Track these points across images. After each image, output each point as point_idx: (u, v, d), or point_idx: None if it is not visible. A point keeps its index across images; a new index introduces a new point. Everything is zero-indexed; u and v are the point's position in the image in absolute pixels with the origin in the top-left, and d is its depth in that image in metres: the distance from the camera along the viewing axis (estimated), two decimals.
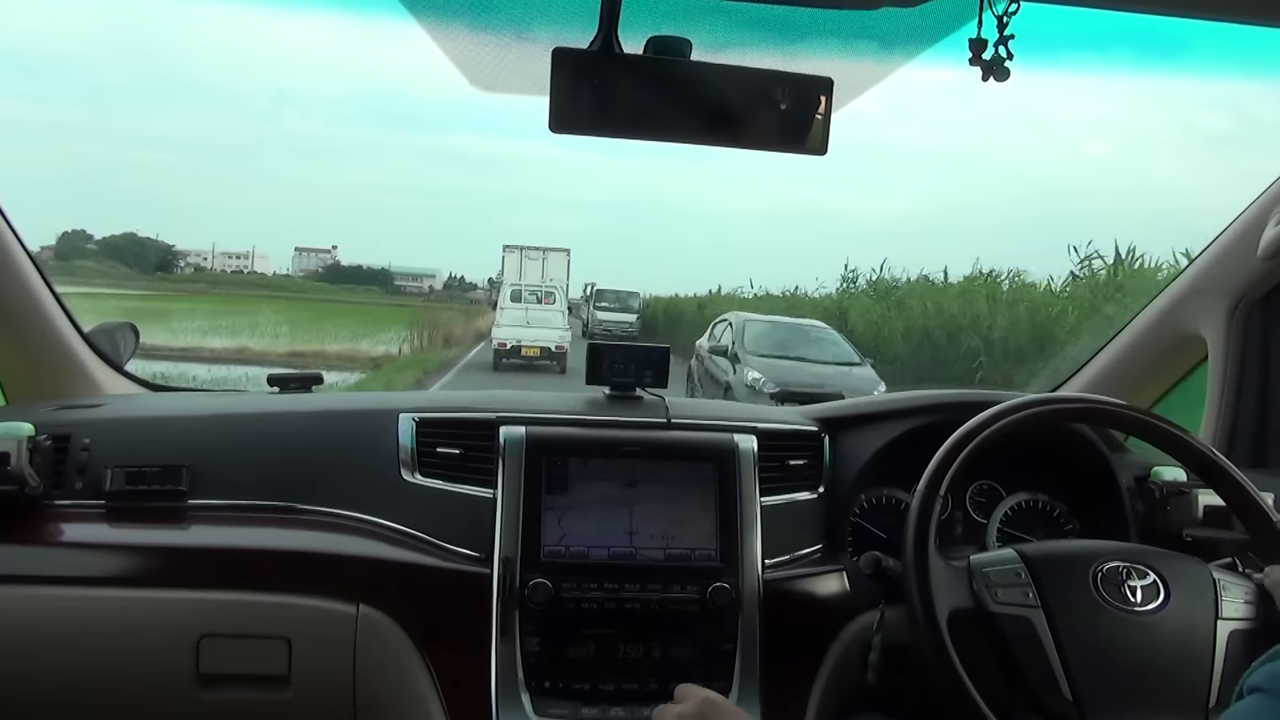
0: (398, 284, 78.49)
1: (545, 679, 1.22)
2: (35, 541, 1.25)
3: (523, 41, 1.18)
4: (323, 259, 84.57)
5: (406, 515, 1.32)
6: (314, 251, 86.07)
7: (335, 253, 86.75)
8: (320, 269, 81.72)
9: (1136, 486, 1.45)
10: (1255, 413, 1.61)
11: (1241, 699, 0.70)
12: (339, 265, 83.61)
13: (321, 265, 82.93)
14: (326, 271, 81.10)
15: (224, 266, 74.19)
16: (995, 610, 1.08)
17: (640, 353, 1.46)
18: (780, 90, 1.12)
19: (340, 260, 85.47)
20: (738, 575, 1.27)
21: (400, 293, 72.26)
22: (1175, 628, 1.05)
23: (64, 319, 1.58)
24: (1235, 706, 0.70)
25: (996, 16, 0.99)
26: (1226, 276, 1.58)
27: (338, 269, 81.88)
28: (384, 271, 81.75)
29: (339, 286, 69.29)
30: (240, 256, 78.54)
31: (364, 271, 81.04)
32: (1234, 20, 1.11)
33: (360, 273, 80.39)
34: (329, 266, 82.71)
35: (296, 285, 65.37)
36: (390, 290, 72.71)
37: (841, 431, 1.47)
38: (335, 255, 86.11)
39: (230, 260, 77.18)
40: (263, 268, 78.84)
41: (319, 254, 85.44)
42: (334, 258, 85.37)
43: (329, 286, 68.71)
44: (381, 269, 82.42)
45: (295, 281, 70.55)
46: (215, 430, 1.43)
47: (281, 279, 70.49)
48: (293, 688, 1.23)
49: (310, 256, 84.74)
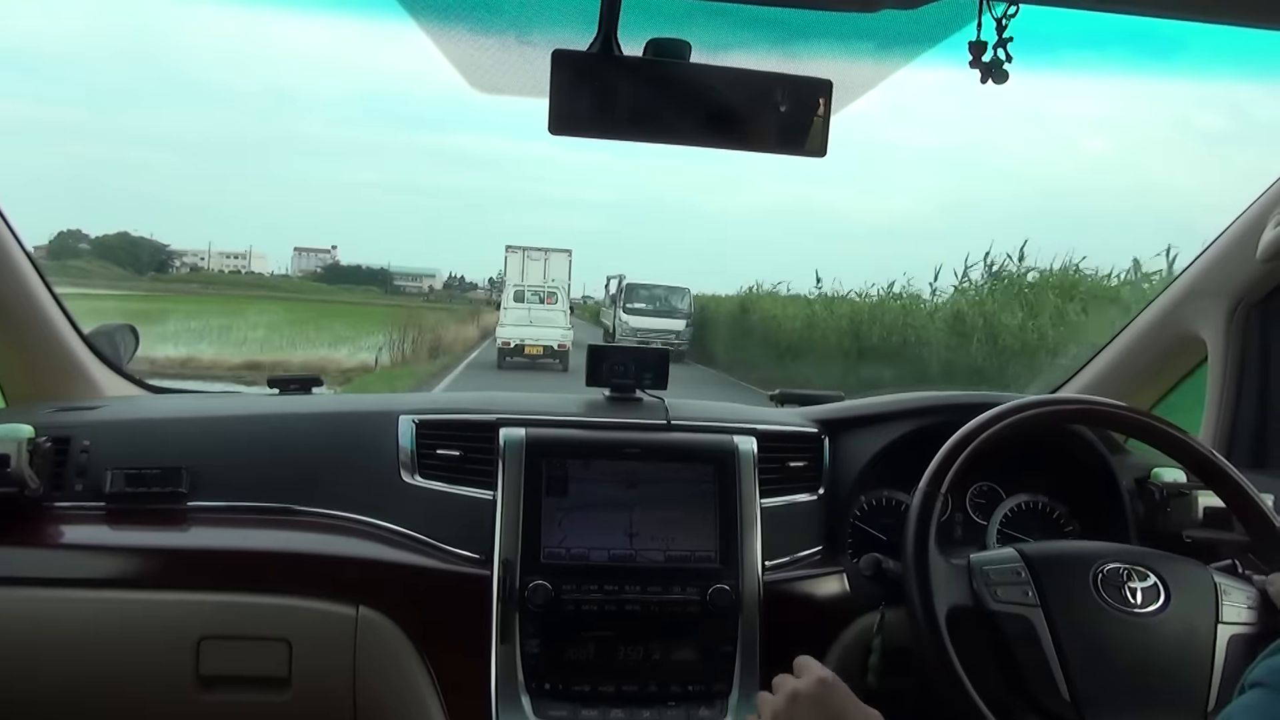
0: (397, 284, 77.43)
1: (545, 681, 1.22)
2: (35, 543, 1.25)
3: (522, 44, 1.18)
4: (322, 259, 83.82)
5: (406, 517, 1.32)
6: (314, 251, 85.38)
7: (335, 253, 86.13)
8: (319, 269, 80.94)
9: (1136, 488, 1.45)
10: (1255, 414, 1.60)
11: (1243, 694, 0.70)
12: (338, 265, 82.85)
13: (319, 265, 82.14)
14: (325, 271, 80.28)
15: (222, 267, 73.50)
16: (994, 609, 1.08)
17: (640, 354, 1.46)
18: (780, 92, 1.12)
19: (340, 260, 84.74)
20: (738, 577, 1.27)
21: (400, 293, 71.17)
22: (1175, 630, 1.05)
23: (64, 321, 1.58)
24: (1236, 701, 0.70)
25: (995, 19, 0.99)
26: (1226, 278, 1.58)
27: (336, 269, 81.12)
28: (383, 271, 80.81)
29: (336, 287, 68.31)
30: (238, 256, 77.83)
31: (363, 271, 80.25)
32: (1229, 23, 1.11)
33: (359, 273, 79.60)
34: (327, 266, 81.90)
35: (293, 285, 64.38)
36: (390, 290, 71.63)
37: (841, 433, 1.47)
38: (335, 255, 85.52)
39: (228, 260, 76.54)
40: (261, 268, 77.96)
41: (318, 254, 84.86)
42: (334, 258, 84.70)
43: (326, 287, 67.70)
44: (380, 269, 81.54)
45: (292, 282, 69.62)
46: (215, 432, 1.43)
47: (278, 279, 69.52)
48: (293, 689, 1.23)
49: (310, 256, 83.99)
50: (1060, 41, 1.26)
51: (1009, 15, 0.98)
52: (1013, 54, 1.01)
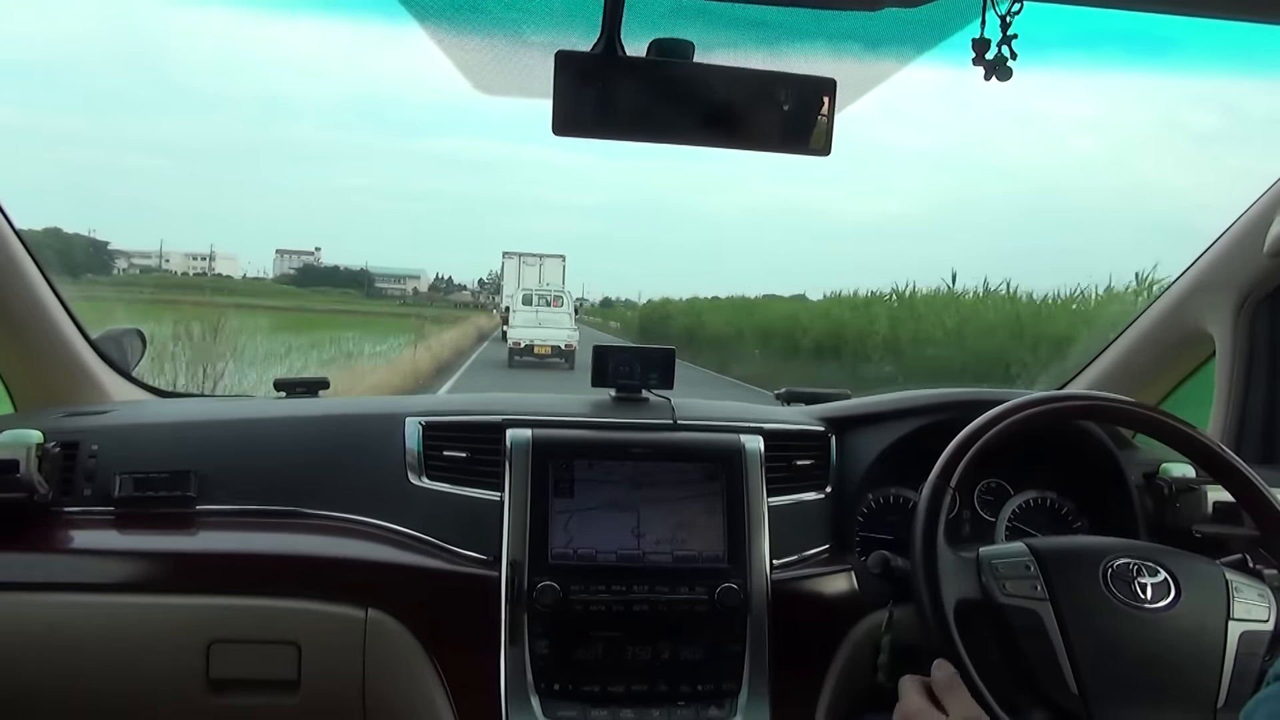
0: (379, 286, 74.08)
1: (554, 681, 1.22)
2: (45, 549, 1.25)
3: (525, 45, 1.18)
4: (305, 260, 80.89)
5: (414, 519, 1.32)
6: (297, 253, 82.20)
7: (319, 255, 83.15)
8: (292, 270, 77.13)
9: (1145, 483, 1.44)
10: (1263, 409, 1.60)
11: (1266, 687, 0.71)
12: (313, 267, 79.01)
13: (291, 268, 78.17)
14: (299, 274, 76.32)
15: (187, 269, 67.88)
16: (1003, 602, 1.07)
17: (645, 354, 1.46)
18: (783, 91, 1.12)
19: (320, 261, 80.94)
20: (746, 576, 1.27)
21: (381, 296, 67.61)
22: (1185, 625, 1.05)
23: (71, 326, 1.58)
24: (1259, 694, 0.70)
25: (1000, 16, 0.99)
26: (1233, 273, 1.58)
27: (311, 270, 77.19)
28: (363, 273, 76.63)
29: (310, 290, 64.13)
30: (201, 258, 71.57)
31: (341, 273, 76.49)
32: (1224, 17, 1.11)
33: (337, 274, 75.84)
34: (301, 268, 78.11)
35: (257, 289, 59.19)
36: (370, 293, 68.32)
37: (848, 431, 1.46)
38: (318, 257, 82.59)
39: (194, 262, 70.54)
40: (229, 269, 73.10)
41: (302, 256, 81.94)
42: (317, 260, 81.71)
43: (297, 290, 63.24)
44: (360, 270, 77.31)
45: (257, 285, 65.04)
46: (222, 436, 1.43)
47: (243, 282, 64.94)
48: (302, 692, 1.23)
49: (292, 258, 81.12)
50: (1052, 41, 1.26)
51: (1013, 12, 0.98)
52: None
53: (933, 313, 12.96)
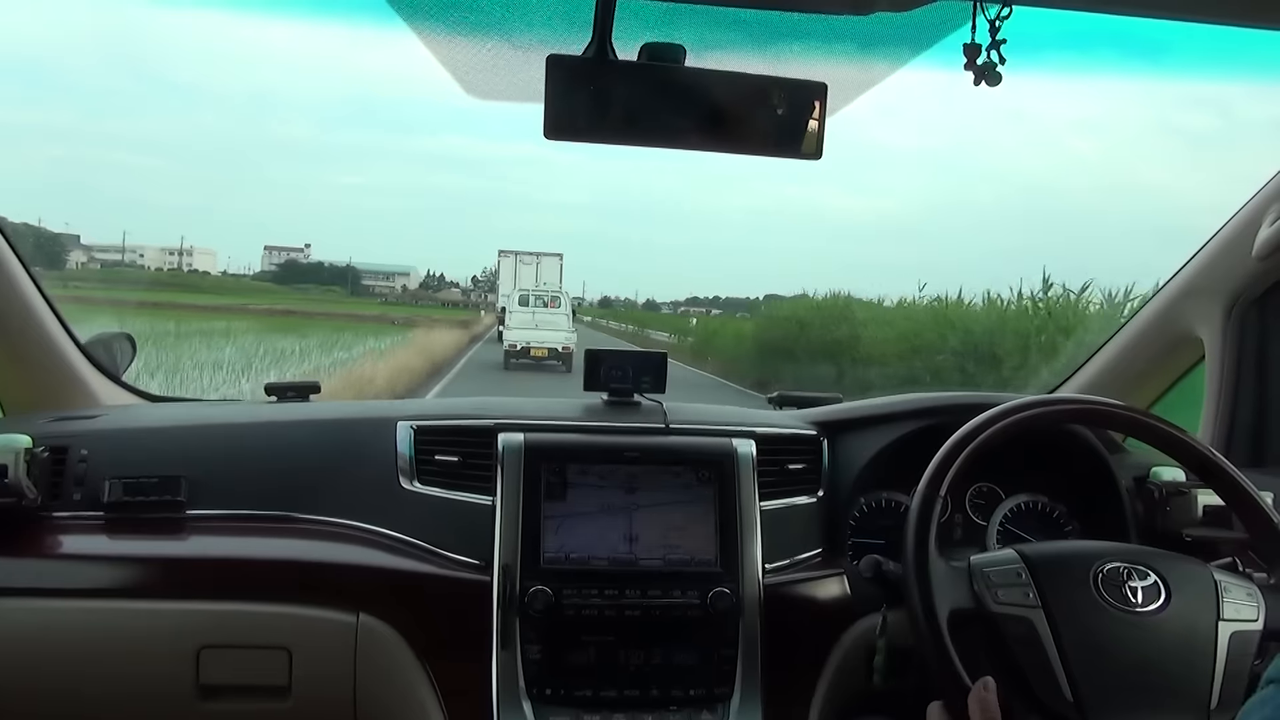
0: (365, 283, 71.64)
1: (546, 686, 1.22)
2: (33, 554, 1.25)
3: (516, 49, 1.18)
4: (290, 257, 78.69)
5: (405, 523, 1.32)
6: (284, 250, 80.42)
7: (307, 251, 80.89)
8: (273, 267, 74.58)
9: (1136, 487, 1.45)
10: (1253, 412, 1.61)
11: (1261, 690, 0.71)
12: (296, 263, 75.96)
13: (273, 264, 75.59)
14: (281, 270, 73.17)
15: (162, 264, 66.08)
16: (996, 610, 1.07)
17: (638, 358, 1.46)
18: (775, 95, 1.12)
19: (306, 258, 77.98)
20: (738, 580, 1.27)
21: (368, 294, 65.23)
22: (1176, 628, 1.05)
23: (61, 330, 1.58)
24: (1254, 698, 0.70)
25: (989, 20, 0.99)
26: (1222, 277, 1.58)
27: (294, 267, 74.36)
28: (349, 269, 73.71)
29: (289, 287, 61.00)
30: (174, 253, 69.88)
31: (326, 270, 73.60)
32: (1217, 21, 1.11)
33: (321, 271, 73.17)
34: (283, 265, 75.31)
35: (227, 286, 55.57)
36: (356, 291, 65.75)
37: (840, 435, 1.47)
38: (306, 254, 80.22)
39: (170, 257, 69.04)
40: (206, 265, 70.11)
41: (289, 252, 79.80)
42: (305, 256, 79.45)
43: (275, 287, 60.01)
44: (346, 266, 74.12)
45: (230, 282, 61.90)
46: (213, 440, 1.43)
47: (216, 279, 61.68)
48: (293, 698, 1.22)
49: (280, 255, 79.34)
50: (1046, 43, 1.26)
51: (1002, 17, 0.98)
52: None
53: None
